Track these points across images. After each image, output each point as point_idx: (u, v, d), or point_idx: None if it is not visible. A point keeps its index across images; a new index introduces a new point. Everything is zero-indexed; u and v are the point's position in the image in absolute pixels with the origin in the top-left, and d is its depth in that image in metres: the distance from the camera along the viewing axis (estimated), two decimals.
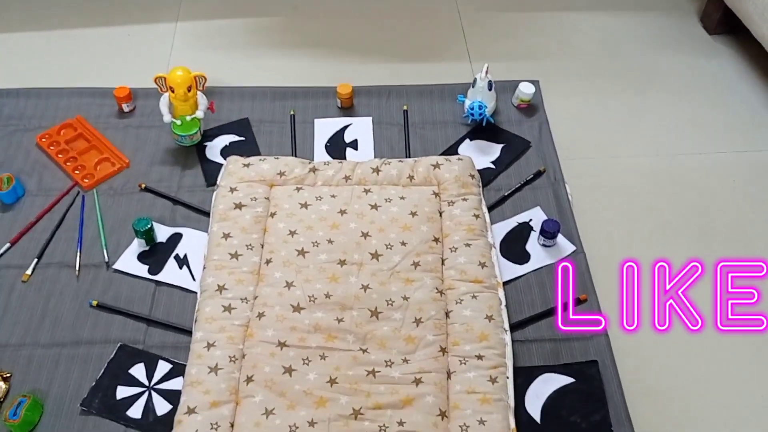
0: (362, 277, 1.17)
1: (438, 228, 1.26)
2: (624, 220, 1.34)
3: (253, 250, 1.22)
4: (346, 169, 1.34)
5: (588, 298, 1.18)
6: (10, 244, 1.25)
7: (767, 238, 1.31)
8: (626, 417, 1.05)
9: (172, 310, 1.18)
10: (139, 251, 1.25)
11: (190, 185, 1.36)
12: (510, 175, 1.38)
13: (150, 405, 1.06)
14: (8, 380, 1.08)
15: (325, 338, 1.10)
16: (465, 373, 1.07)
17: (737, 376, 1.13)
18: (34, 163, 1.39)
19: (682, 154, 1.46)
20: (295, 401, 1.03)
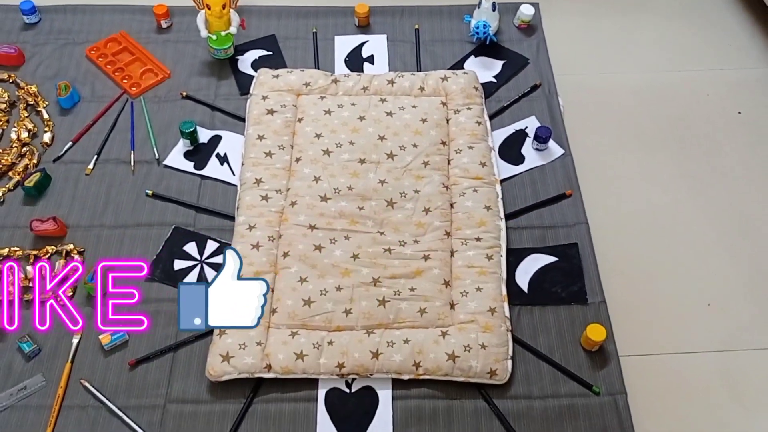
0: (379, 174, 1.36)
1: (445, 133, 1.44)
2: (609, 129, 1.52)
3: (284, 150, 1.40)
4: (364, 81, 1.51)
5: (573, 193, 1.38)
6: (72, 142, 1.44)
7: (733, 143, 1.49)
8: (599, 289, 1.26)
9: (216, 199, 1.37)
10: (185, 150, 1.43)
11: (225, 94, 1.53)
12: (509, 88, 1.56)
13: (202, 275, 1.27)
14: (82, 254, 1.29)
15: (349, 223, 1.30)
16: (466, 252, 1.28)
17: (700, 247, 1.33)
18: (86, 73, 1.56)
19: (664, 71, 1.62)
20: (324, 272, 1.24)
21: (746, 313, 1.25)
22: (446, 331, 1.18)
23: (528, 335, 1.22)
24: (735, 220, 1.37)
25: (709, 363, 1.19)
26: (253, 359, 1.14)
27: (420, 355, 1.15)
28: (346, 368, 1.14)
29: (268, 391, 1.15)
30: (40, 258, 1.27)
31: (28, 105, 1.49)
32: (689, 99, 1.57)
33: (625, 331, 1.22)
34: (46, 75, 1.55)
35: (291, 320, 1.19)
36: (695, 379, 1.18)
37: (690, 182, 1.43)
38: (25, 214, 1.33)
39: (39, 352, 1.18)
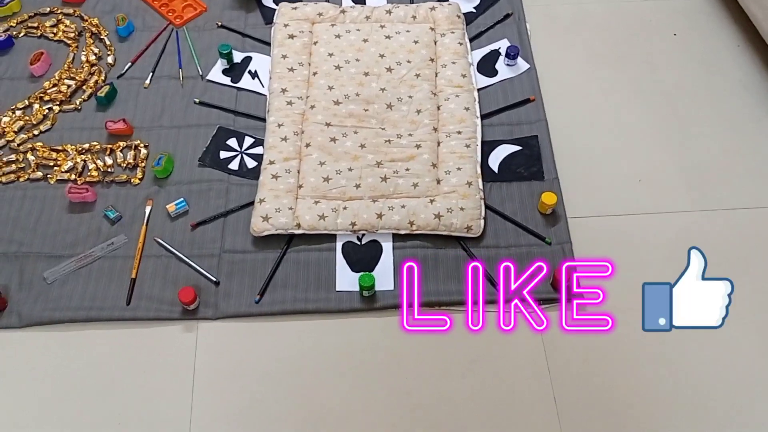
0: (380, 83, 1.70)
1: (433, 52, 1.77)
2: (568, 48, 1.83)
3: (303, 66, 1.73)
4: (366, 11, 1.84)
5: (535, 98, 1.72)
6: (131, 63, 1.77)
7: (669, 58, 1.81)
8: (554, 168, 1.59)
9: (250, 106, 1.70)
10: (222, 68, 1.76)
11: (252, 24, 1.85)
12: (486, 17, 1.88)
13: (243, 162, 1.61)
14: (147, 147, 1.63)
15: (357, 121, 1.64)
16: (449, 142, 1.62)
17: (636, 137, 1.67)
18: (137, 8, 1.88)
19: (616, 1, 1.94)
20: (338, 157, 1.58)
21: (669, 187, 1.60)
22: (433, 199, 1.53)
23: (497, 203, 1.56)
24: (666, 116, 1.70)
25: (637, 222, 1.54)
26: (286, 219, 1.49)
27: (413, 216, 1.50)
28: (357, 226, 1.49)
29: (298, 243, 1.49)
30: (115, 150, 1.62)
31: (93, 34, 1.81)
32: (634, 24, 1.89)
33: (573, 199, 1.56)
34: (104, 10, 1.87)
35: (314, 192, 1.53)
36: (626, 233, 1.52)
37: (631, 88, 1.75)
38: (99, 118, 1.67)
39: (121, 218, 1.52)
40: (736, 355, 1.37)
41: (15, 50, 1.79)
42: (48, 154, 1.60)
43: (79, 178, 1.57)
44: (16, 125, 1.64)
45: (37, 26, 1.82)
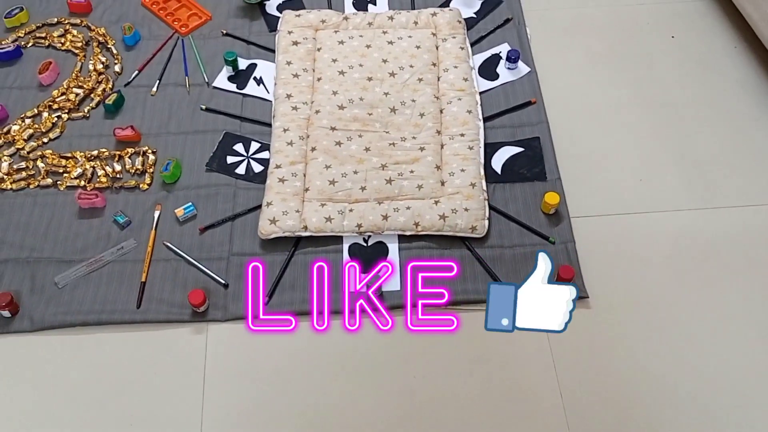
0: (384, 87, 1.72)
1: (435, 56, 1.80)
2: (568, 51, 1.86)
3: (308, 72, 1.76)
4: (369, 18, 1.87)
5: (536, 101, 1.74)
6: (138, 71, 1.79)
7: (666, 59, 1.84)
8: (556, 169, 1.62)
9: (256, 111, 1.73)
10: (228, 75, 1.79)
11: (257, 31, 1.88)
12: (486, 22, 1.91)
13: (249, 166, 1.63)
14: (155, 153, 1.65)
15: (361, 125, 1.66)
16: (452, 144, 1.64)
17: (635, 136, 1.69)
18: (143, 17, 1.91)
19: (614, 6, 1.97)
20: (343, 161, 1.61)
21: (670, 186, 1.62)
22: (438, 200, 1.55)
23: (501, 204, 1.58)
24: (664, 116, 1.73)
25: (639, 220, 1.56)
26: (294, 222, 1.51)
27: (418, 217, 1.52)
28: (363, 227, 1.51)
29: (305, 245, 1.51)
30: (123, 157, 1.64)
31: (100, 43, 1.84)
32: (632, 27, 1.92)
33: (575, 199, 1.58)
34: (110, 20, 1.90)
35: (320, 195, 1.55)
36: (627, 231, 1.55)
37: (630, 89, 1.78)
38: (107, 125, 1.70)
39: (130, 223, 1.55)
40: (738, 352, 1.39)
41: (24, 60, 1.82)
42: (57, 161, 1.62)
43: (88, 184, 1.59)
44: (25, 133, 1.66)
45: (45, 36, 1.85)
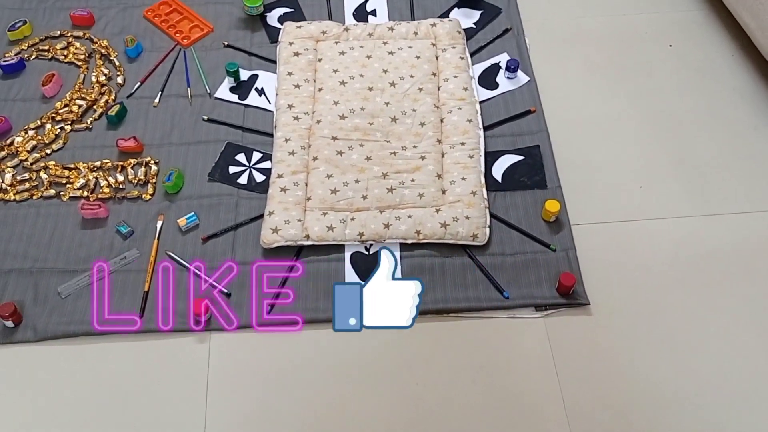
0: (384, 97, 1.74)
1: (435, 66, 1.81)
2: (567, 60, 1.88)
3: (309, 83, 1.78)
4: (369, 29, 1.88)
5: (536, 110, 1.75)
6: (140, 83, 1.81)
7: (664, 67, 1.86)
8: (556, 177, 1.63)
9: (257, 122, 1.74)
10: (230, 86, 1.80)
11: (258, 42, 1.90)
12: (486, 32, 1.93)
13: (251, 176, 1.64)
14: (158, 164, 1.66)
15: (362, 134, 1.68)
16: (453, 153, 1.65)
17: (634, 143, 1.70)
18: (145, 29, 1.93)
19: (612, 15, 1.98)
20: (345, 170, 1.62)
21: (669, 193, 1.63)
22: (439, 208, 1.56)
23: (501, 212, 1.59)
24: (663, 123, 1.74)
25: (639, 227, 1.57)
26: (296, 231, 1.51)
27: (420, 225, 1.53)
28: (365, 236, 1.52)
29: (307, 254, 1.52)
30: (126, 167, 1.65)
31: (102, 55, 1.86)
32: (630, 37, 1.93)
33: (576, 206, 1.59)
34: (113, 32, 1.92)
35: (322, 204, 1.56)
36: (627, 239, 1.55)
37: (629, 97, 1.79)
38: (110, 136, 1.71)
39: (133, 233, 1.55)
40: (740, 358, 1.39)
41: (27, 72, 1.83)
42: (60, 172, 1.63)
43: (91, 194, 1.60)
44: (29, 145, 1.68)
45: (48, 49, 1.87)
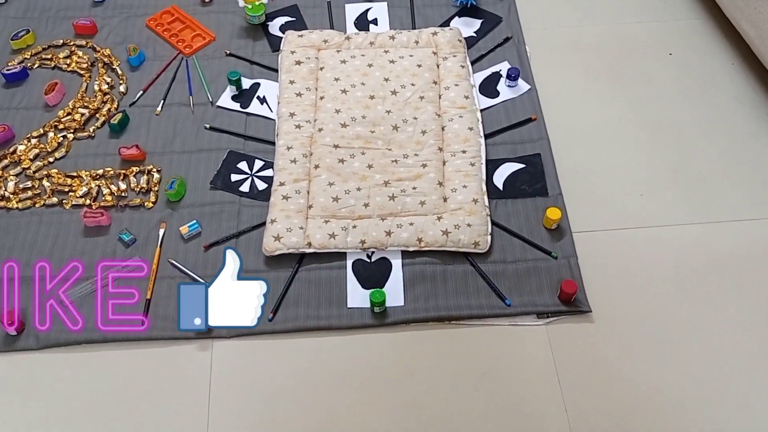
0: (386, 106, 1.74)
1: (436, 75, 1.82)
2: (567, 69, 1.88)
3: (311, 91, 1.78)
4: (370, 37, 1.89)
5: (537, 118, 1.76)
6: (143, 91, 1.82)
7: (663, 75, 1.87)
8: (557, 184, 1.63)
9: (259, 130, 1.75)
10: (232, 94, 1.81)
11: (260, 51, 1.91)
12: (486, 41, 1.94)
13: (253, 184, 1.65)
14: (160, 172, 1.67)
15: (364, 142, 1.68)
16: (454, 161, 1.66)
17: (634, 150, 1.71)
18: (147, 38, 1.94)
19: (612, 24, 1.99)
20: (347, 178, 1.62)
21: (670, 200, 1.63)
22: (441, 216, 1.56)
23: (503, 219, 1.59)
24: (663, 131, 1.75)
25: (640, 235, 1.57)
26: (297, 239, 1.52)
27: (421, 233, 1.53)
28: (366, 243, 1.52)
29: (309, 262, 1.52)
30: (128, 175, 1.66)
31: (105, 64, 1.86)
32: (630, 45, 1.94)
33: (577, 214, 1.60)
34: (115, 41, 1.93)
35: (323, 212, 1.57)
36: (629, 246, 1.56)
37: (629, 105, 1.80)
38: (112, 144, 1.71)
39: (135, 241, 1.56)
40: (742, 365, 1.39)
41: (30, 81, 1.84)
42: (63, 180, 1.64)
43: (93, 202, 1.61)
44: (31, 153, 1.68)
45: (50, 57, 1.88)
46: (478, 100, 1.79)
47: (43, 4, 2.01)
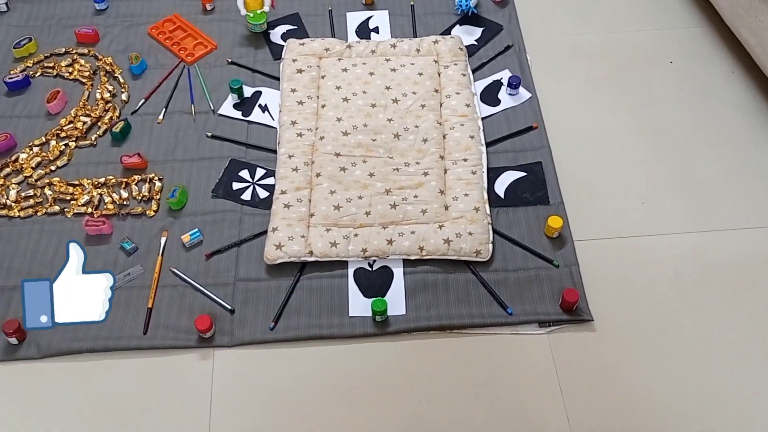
0: (387, 114, 1.75)
1: (438, 83, 1.83)
2: (567, 76, 1.89)
3: (312, 99, 1.79)
4: (371, 46, 1.90)
5: (538, 126, 1.76)
6: (145, 99, 1.82)
7: (664, 83, 1.87)
8: (558, 193, 1.63)
9: (261, 138, 1.75)
10: (233, 103, 1.81)
11: (262, 59, 1.91)
12: (487, 49, 1.94)
13: (255, 192, 1.65)
14: (162, 180, 1.67)
15: (365, 150, 1.68)
16: (455, 170, 1.66)
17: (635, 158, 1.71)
18: (149, 47, 1.94)
19: (612, 32, 1.99)
20: (348, 186, 1.62)
21: (671, 208, 1.63)
22: (442, 224, 1.56)
23: (504, 228, 1.59)
24: (664, 139, 1.75)
25: (642, 243, 1.57)
26: (299, 247, 1.52)
27: (423, 241, 1.53)
28: (368, 252, 1.52)
29: (311, 270, 1.52)
30: (130, 184, 1.66)
31: (107, 72, 1.87)
32: (631, 53, 1.94)
33: (578, 222, 1.60)
34: (117, 49, 1.93)
35: (325, 220, 1.57)
36: (630, 254, 1.56)
37: (630, 114, 1.80)
38: (114, 153, 1.71)
39: (137, 249, 1.56)
40: (744, 374, 1.39)
41: (32, 89, 1.85)
42: (65, 189, 1.64)
43: (95, 211, 1.61)
44: (33, 161, 1.68)
45: (53, 66, 1.88)
46: (479, 108, 1.79)
47: (45, 13, 2.02)
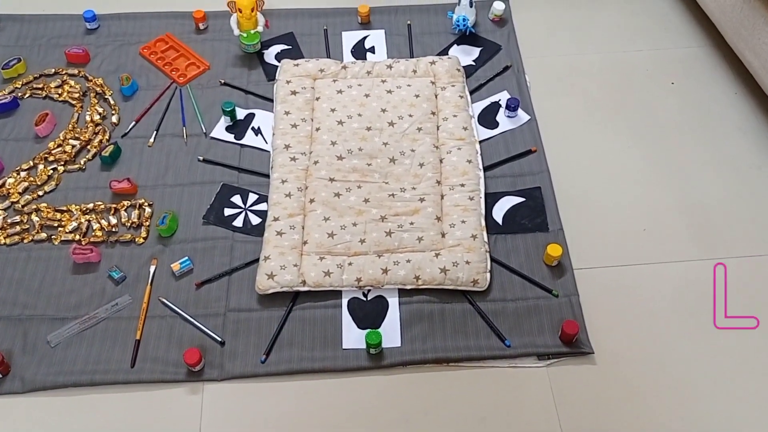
0: (383, 137, 1.71)
1: (434, 105, 1.79)
2: (567, 98, 1.85)
3: (306, 122, 1.75)
4: (367, 66, 1.86)
5: (537, 149, 1.73)
6: (135, 122, 1.78)
7: (666, 105, 1.83)
8: (558, 219, 1.60)
9: (254, 162, 1.71)
10: (226, 125, 1.77)
11: (255, 80, 1.88)
12: (485, 70, 1.90)
13: (247, 219, 1.61)
14: (151, 206, 1.63)
15: (360, 175, 1.65)
16: (452, 195, 1.62)
17: (637, 184, 1.67)
18: (140, 67, 1.90)
19: (612, 52, 1.96)
20: (342, 212, 1.58)
21: (673, 235, 1.60)
22: (439, 252, 1.52)
23: (502, 256, 1.56)
24: (665, 163, 1.71)
25: (643, 271, 1.53)
26: (292, 277, 1.48)
27: (419, 270, 1.49)
28: (362, 281, 1.48)
29: (303, 300, 1.48)
30: (119, 210, 1.62)
31: (97, 94, 1.83)
32: (632, 74, 1.91)
33: (578, 250, 1.56)
34: (108, 70, 1.90)
35: (318, 248, 1.53)
36: (630, 283, 1.52)
37: (631, 137, 1.76)
38: (103, 177, 1.67)
39: (125, 278, 1.52)
40: (747, 405, 1.35)
41: (20, 111, 1.81)
42: (52, 215, 1.60)
43: (83, 238, 1.57)
44: (20, 186, 1.64)
45: (42, 87, 1.84)
46: (477, 131, 1.75)
47: (35, 32, 1.98)
